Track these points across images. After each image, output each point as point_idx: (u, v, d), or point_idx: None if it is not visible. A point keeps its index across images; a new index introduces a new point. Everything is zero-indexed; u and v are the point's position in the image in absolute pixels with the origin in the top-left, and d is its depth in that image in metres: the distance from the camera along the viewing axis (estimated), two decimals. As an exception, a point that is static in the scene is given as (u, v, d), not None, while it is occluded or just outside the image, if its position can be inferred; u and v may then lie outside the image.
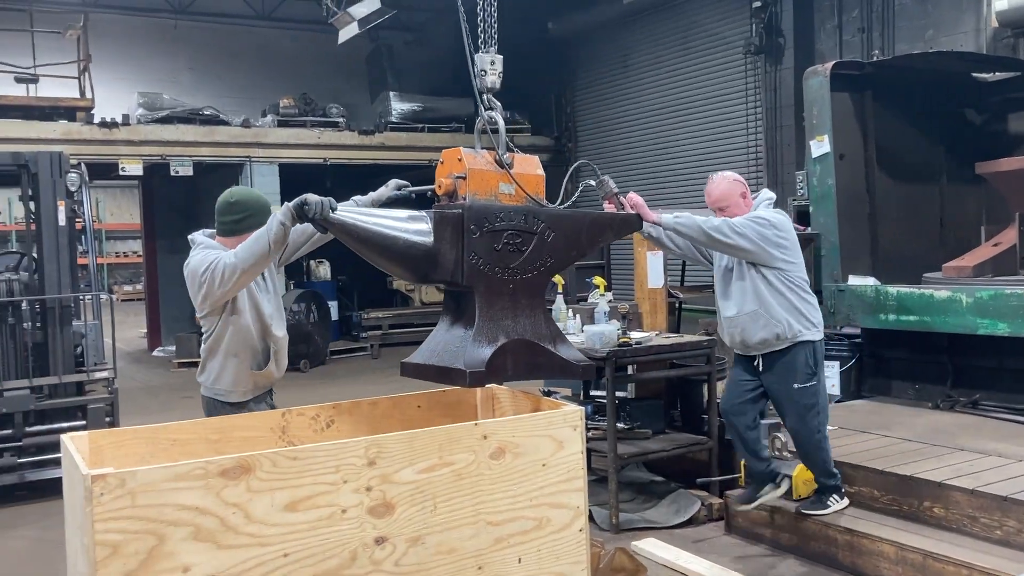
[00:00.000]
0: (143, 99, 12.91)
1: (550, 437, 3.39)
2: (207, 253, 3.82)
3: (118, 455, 3.31)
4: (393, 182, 4.07)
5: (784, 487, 4.59)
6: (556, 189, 3.63)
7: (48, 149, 7.39)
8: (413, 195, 3.83)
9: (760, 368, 4.47)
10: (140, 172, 12.52)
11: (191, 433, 3.44)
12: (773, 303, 4.35)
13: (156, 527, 2.69)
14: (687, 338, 5.35)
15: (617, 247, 10.46)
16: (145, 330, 17.07)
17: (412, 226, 3.27)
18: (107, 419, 6.32)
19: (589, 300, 5.92)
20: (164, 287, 15.65)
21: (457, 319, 3.46)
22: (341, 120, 14.26)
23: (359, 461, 3.01)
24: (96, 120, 12.00)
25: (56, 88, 12.27)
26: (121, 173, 12.36)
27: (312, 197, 3.24)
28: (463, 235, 3.26)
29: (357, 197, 4.10)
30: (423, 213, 3.31)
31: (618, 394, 5.40)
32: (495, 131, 3.41)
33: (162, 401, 10.40)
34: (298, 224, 3.48)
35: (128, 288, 27.59)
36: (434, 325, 3.58)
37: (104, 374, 6.51)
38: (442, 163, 3.44)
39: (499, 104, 3.50)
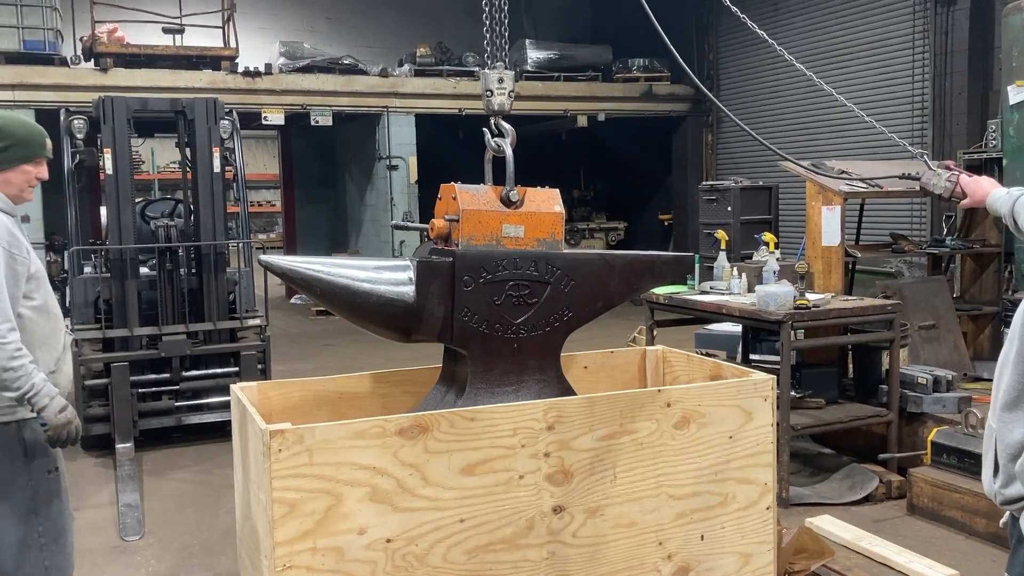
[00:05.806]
0: (284, 48, 13.00)
1: (739, 407, 3.14)
2: None
3: (286, 407, 3.24)
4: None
5: None
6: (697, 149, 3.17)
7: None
8: (425, 235, 3.20)
9: None
10: (282, 121, 12.65)
11: (359, 386, 3.34)
12: None
13: (333, 486, 2.59)
14: (868, 301, 4.92)
15: (785, 199, 9.83)
16: (283, 277, 17.52)
17: (388, 276, 2.86)
18: (259, 366, 6.37)
19: (755, 258, 5.55)
20: (302, 235, 15.97)
21: (451, 383, 3.06)
22: (477, 69, 14.04)
23: (537, 424, 2.85)
24: (240, 70, 12.17)
25: (201, 38, 12.50)
26: (264, 123, 12.53)
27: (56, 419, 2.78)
28: (453, 288, 2.86)
29: None
30: (407, 262, 2.92)
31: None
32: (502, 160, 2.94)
33: (303, 348, 10.60)
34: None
35: (262, 236, 28.48)
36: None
37: (256, 321, 6.54)
38: (440, 199, 2.99)
39: (510, 129, 3.01)
